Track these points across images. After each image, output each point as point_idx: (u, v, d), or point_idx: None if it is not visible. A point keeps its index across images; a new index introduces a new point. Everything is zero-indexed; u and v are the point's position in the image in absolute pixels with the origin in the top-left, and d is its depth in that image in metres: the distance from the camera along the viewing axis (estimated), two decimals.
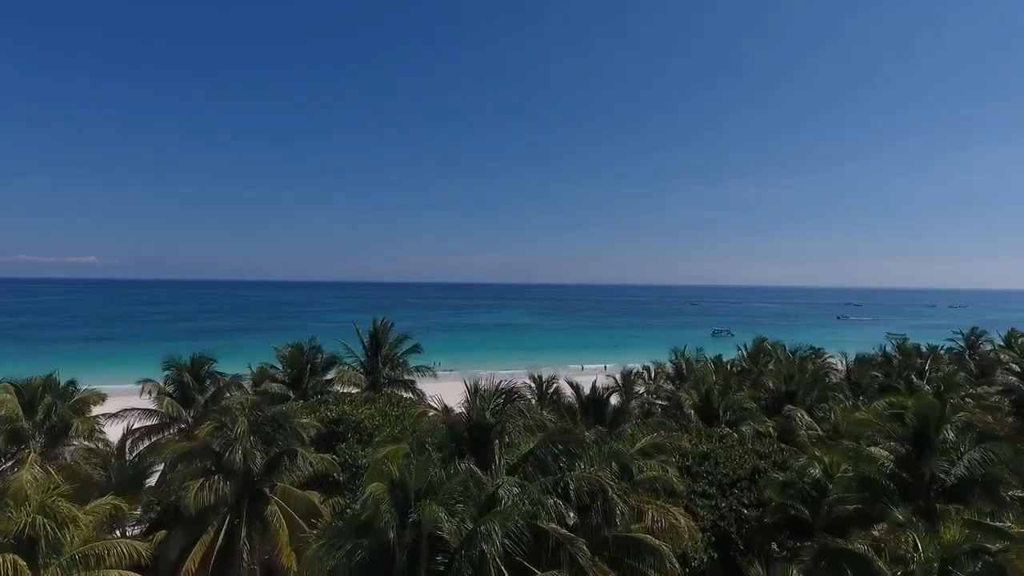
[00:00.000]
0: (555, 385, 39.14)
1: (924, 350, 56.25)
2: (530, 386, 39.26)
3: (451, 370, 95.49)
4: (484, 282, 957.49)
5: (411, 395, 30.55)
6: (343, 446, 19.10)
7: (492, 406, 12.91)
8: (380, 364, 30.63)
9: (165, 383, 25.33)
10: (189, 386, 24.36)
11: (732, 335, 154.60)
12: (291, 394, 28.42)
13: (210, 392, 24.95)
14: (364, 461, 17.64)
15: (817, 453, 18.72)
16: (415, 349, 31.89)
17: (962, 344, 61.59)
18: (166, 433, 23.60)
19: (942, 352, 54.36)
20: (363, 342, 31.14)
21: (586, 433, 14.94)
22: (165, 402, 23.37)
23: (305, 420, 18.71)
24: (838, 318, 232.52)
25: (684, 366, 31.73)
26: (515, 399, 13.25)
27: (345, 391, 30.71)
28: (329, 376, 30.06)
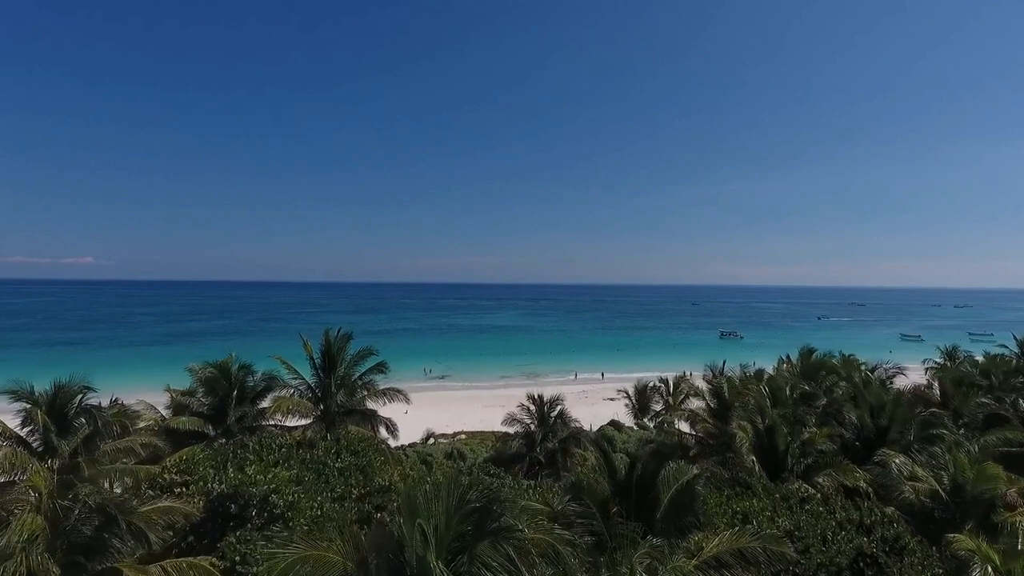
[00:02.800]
0: (559, 408, 32.26)
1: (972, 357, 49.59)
2: (528, 409, 32.38)
3: (443, 377, 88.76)
4: (482, 282, 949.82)
5: (372, 429, 23.42)
6: (233, 539, 12.09)
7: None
8: (333, 389, 23.51)
9: (24, 421, 18.16)
10: (47, 429, 17.19)
11: (741, 337, 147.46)
12: (210, 431, 21.30)
13: (84, 433, 17.76)
14: (263, 568, 10.61)
15: (990, 554, 11.63)
16: (380, 368, 24.68)
17: (1016, 350, 54.37)
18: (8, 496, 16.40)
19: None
20: (312, 360, 24.02)
21: (635, 560, 8.00)
22: (2, 454, 16.18)
23: (164, 503, 11.65)
24: (819, 318, 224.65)
25: (726, 390, 24.65)
26: (500, 533, 6.23)
27: (293, 424, 23.61)
28: (265, 404, 22.91)
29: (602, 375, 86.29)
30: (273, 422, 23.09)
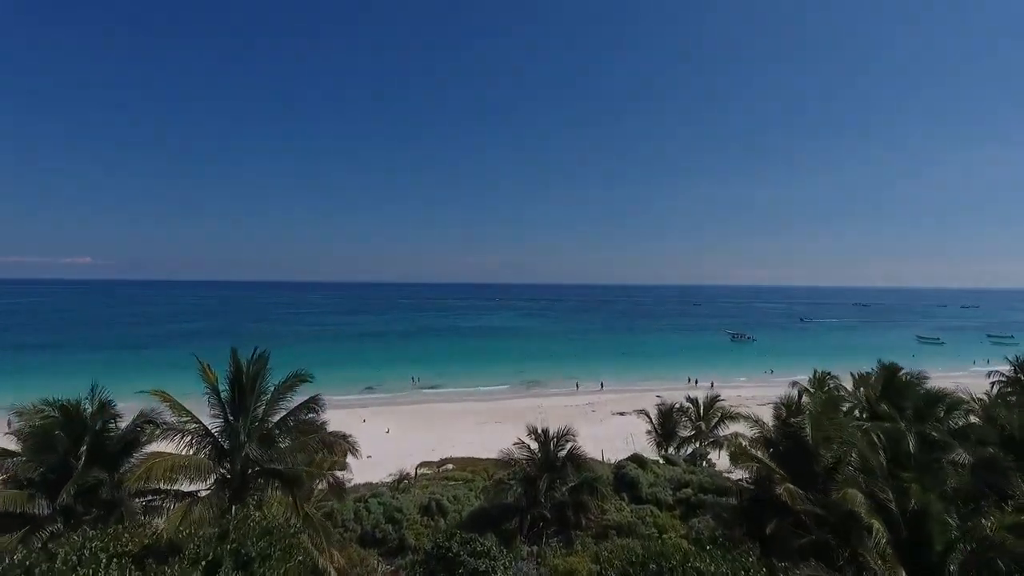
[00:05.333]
0: (568, 445, 24.74)
1: None
2: (529, 447, 24.84)
3: (433, 386, 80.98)
4: (481, 282, 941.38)
5: (299, 499, 15.82)
6: None
7: None
8: (243, 437, 16.02)
9: None
10: None
11: (753, 340, 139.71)
12: (42, 510, 13.80)
13: None
14: None
15: None
16: (311, 406, 17.01)
17: None
18: None
19: None
20: (216, 393, 16.50)
21: None
22: None
23: None
24: (801, 320, 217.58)
25: (809, 430, 17.17)
26: None
27: (182, 490, 16.00)
28: (133, 461, 15.35)
29: (601, 385, 78.26)
30: (158, 487, 15.52)
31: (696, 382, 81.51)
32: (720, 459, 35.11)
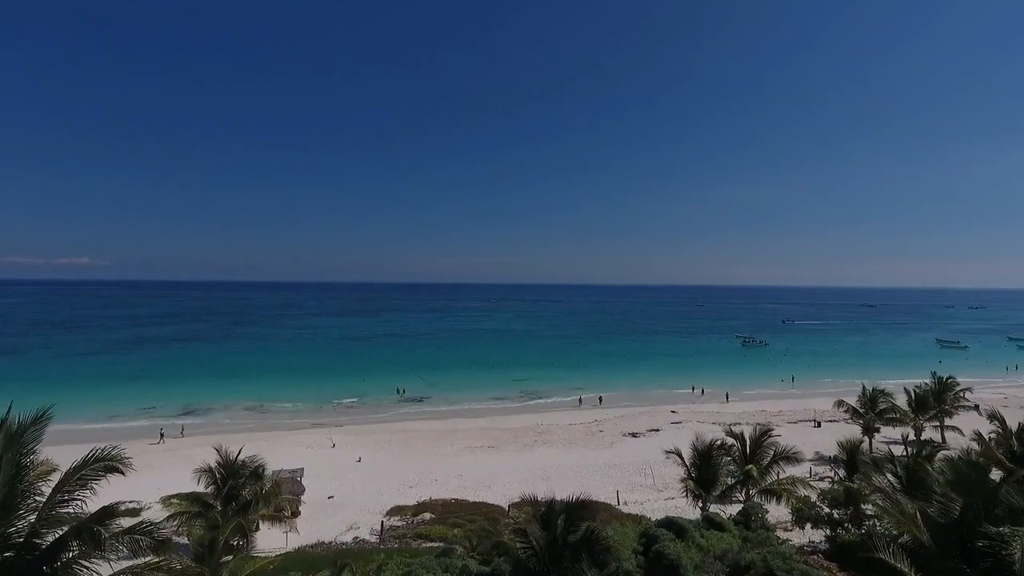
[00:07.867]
0: (584, 527, 17.03)
1: None
2: (526, 532, 17.07)
3: (421, 399, 72.78)
4: (480, 282, 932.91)
5: None
6: None
7: None
8: None
9: None
10: None
11: (766, 345, 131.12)
12: None
13: None
14: None
15: None
16: (95, 532, 9.17)
17: None
18: None
19: None
20: None
21: None
22: None
23: None
24: (783, 321, 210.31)
25: (1019, 555, 9.59)
26: None
27: None
28: None
29: (600, 400, 69.41)
30: None
31: (703, 391, 73.81)
32: (764, 501, 27.42)
